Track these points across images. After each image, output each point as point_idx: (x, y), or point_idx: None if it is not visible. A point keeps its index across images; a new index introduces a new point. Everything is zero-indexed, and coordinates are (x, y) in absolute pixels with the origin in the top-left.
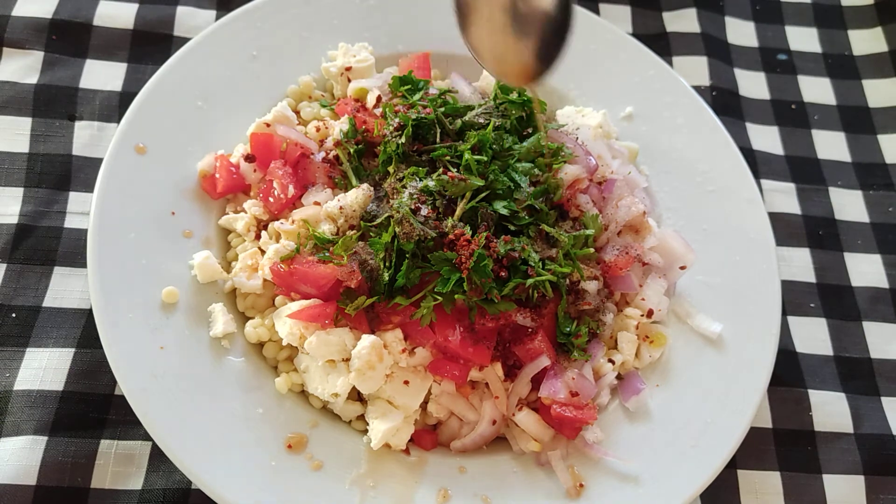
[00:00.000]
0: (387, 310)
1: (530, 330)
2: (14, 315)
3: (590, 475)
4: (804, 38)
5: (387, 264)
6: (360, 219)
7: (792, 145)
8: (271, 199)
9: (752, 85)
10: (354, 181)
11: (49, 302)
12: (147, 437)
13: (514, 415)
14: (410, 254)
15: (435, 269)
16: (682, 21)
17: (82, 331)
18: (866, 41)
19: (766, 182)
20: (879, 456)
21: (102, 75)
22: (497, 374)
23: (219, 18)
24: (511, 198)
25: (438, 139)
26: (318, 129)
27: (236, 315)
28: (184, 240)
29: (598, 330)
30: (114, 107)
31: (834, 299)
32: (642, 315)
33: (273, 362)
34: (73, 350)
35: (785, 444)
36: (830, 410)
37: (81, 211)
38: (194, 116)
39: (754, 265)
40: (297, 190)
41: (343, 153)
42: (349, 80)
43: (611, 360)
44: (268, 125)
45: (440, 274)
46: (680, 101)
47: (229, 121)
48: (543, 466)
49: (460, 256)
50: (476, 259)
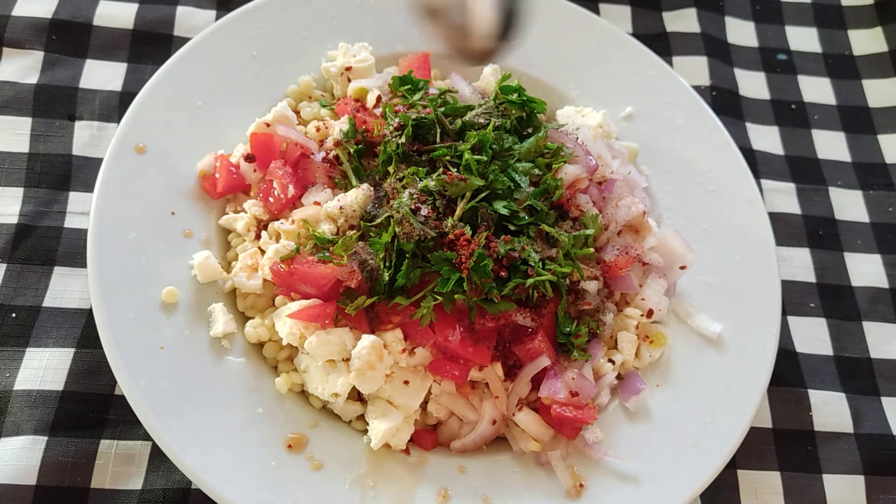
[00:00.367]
0: (387, 310)
1: (530, 330)
2: (14, 315)
3: (590, 475)
4: (804, 38)
5: (387, 264)
6: (360, 219)
7: (792, 145)
8: (271, 199)
9: (752, 85)
10: (354, 181)
11: (49, 302)
12: (147, 437)
13: (514, 415)
14: (410, 254)
15: (435, 269)
16: (682, 21)
17: (82, 331)
18: (866, 41)
19: (766, 182)
20: (879, 456)
21: (102, 75)
22: (497, 374)
23: (219, 18)
24: (511, 198)
25: (438, 139)
26: (318, 129)
27: (236, 315)
28: (184, 240)
29: (598, 330)
30: (114, 107)
31: (834, 299)
32: (642, 315)
33: (273, 362)
34: (73, 350)
35: (785, 444)
36: (830, 410)
37: (81, 211)
38: (194, 116)
39: (754, 265)
40: (297, 190)
41: (343, 153)
42: (349, 80)
43: (611, 360)
44: (268, 125)
45: (440, 274)
46: (680, 101)
47: (229, 121)
48: (543, 466)
49: (460, 256)
50: (476, 259)
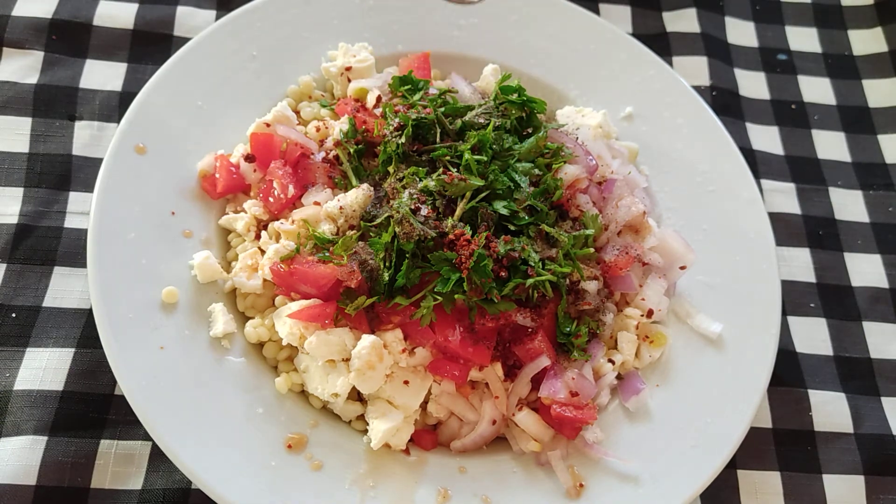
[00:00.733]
0: (387, 310)
1: (530, 330)
2: (14, 315)
3: (590, 475)
4: (804, 38)
5: (387, 264)
6: (360, 219)
7: (792, 145)
8: (271, 199)
9: (752, 85)
10: (354, 181)
11: (49, 302)
12: (147, 437)
13: (514, 415)
14: (410, 254)
15: (435, 269)
16: (682, 21)
17: (82, 331)
18: (866, 41)
19: (766, 182)
20: (879, 456)
21: (102, 75)
22: (497, 374)
23: (219, 18)
24: (511, 198)
25: (438, 139)
26: (318, 129)
27: (236, 315)
28: (184, 240)
29: (598, 330)
30: (114, 107)
31: (834, 299)
32: (642, 315)
33: (273, 362)
34: (73, 350)
35: (785, 444)
36: (830, 410)
37: (81, 211)
38: (194, 116)
39: (754, 265)
40: (297, 190)
41: (343, 153)
42: (349, 80)
43: (611, 360)
44: (268, 125)
45: (440, 274)
46: (680, 101)
47: (229, 121)
48: (543, 466)
49: (460, 256)
50: (476, 259)
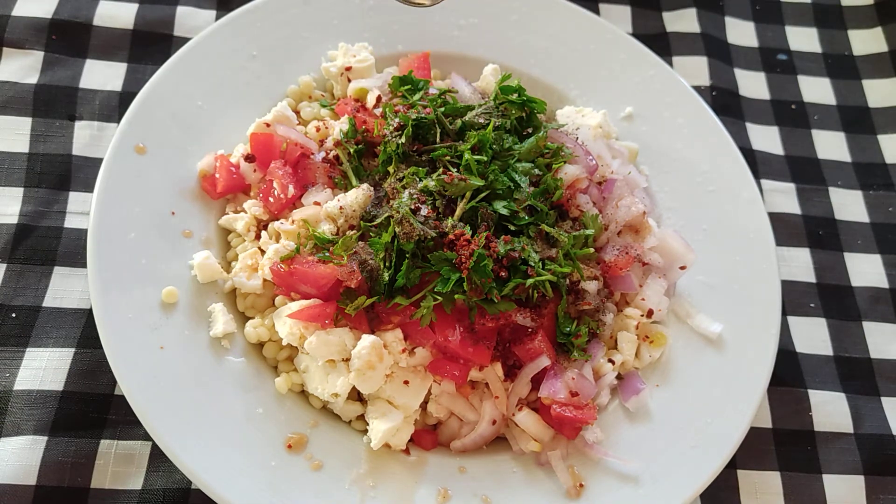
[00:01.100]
0: (387, 310)
1: (530, 330)
2: (14, 315)
3: (590, 475)
4: (804, 38)
5: (387, 264)
6: (360, 219)
7: (792, 145)
8: (271, 199)
9: (752, 85)
10: (354, 181)
11: (49, 302)
12: (147, 437)
13: (514, 415)
14: (410, 254)
15: (435, 269)
16: (682, 21)
17: (82, 331)
18: (866, 41)
19: (766, 182)
20: (879, 456)
21: (102, 75)
22: (497, 374)
23: (219, 18)
24: (511, 198)
25: (438, 139)
26: (318, 129)
27: (236, 315)
28: (184, 240)
29: (598, 330)
30: (114, 107)
31: (834, 299)
32: (642, 315)
33: (273, 362)
34: (73, 350)
35: (785, 444)
36: (830, 410)
37: (81, 211)
38: (194, 116)
39: (754, 265)
40: (297, 190)
41: (343, 153)
42: (349, 80)
43: (611, 360)
44: (268, 125)
45: (440, 274)
46: (680, 101)
47: (229, 121)
48: (543, 466)
49: (460, 256)
50: (476, 259)
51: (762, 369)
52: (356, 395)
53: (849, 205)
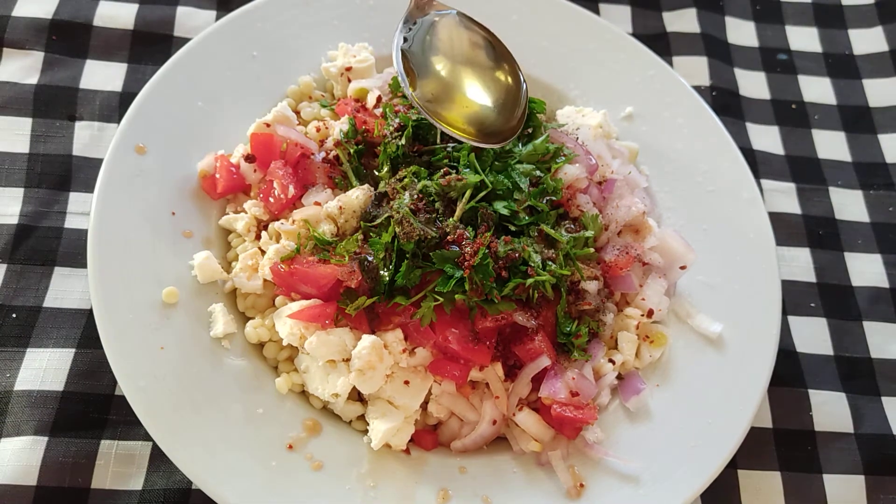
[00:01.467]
0: (387, 310)
1: (530, 330)
2: (14, 315)
3: (590, 475)
4: (804, 37)
5: (387, 264)
6: (360, 219)
7: (792, 145)
8: (271, 200)
9: (752, 85)
10: (354, 181)
11: (49, 302)
12: (147, 437)
13: (515, 415)
14: (410, 254)
15: (436, 268)
16: (682, 21)
17: (82, 331)
18: (866, 41)
19: (766, 182)
20: (879, 456)
21: (102, 75)
22: (497, 374)
23: (219, 18)
24: (511, 198)
25: (439, 140)
26: (318, 130)
27: (236, 315)
28: (184, 240)
29: (599, 330)
30: (114, 107)
31: (834, 299)
32: (642, 315)
33: (273, 362)
34: (74, 350)
35: (785, 444)
36: (830, 410)
37: (81, 211)
38: (194, 116)
39: (754, 265)
40: (298, 190)
41: (343, 153)
42: (349, 80)
43: (611, 360)
44: (268, 125)
45: (441, 272)
46: (680, 101)
47: (229, 121)
48: (543, 466)
49: (464, 254)
50: (481, 257)
51: (762, 369)
52: (356, 396)
53: (849, 204)
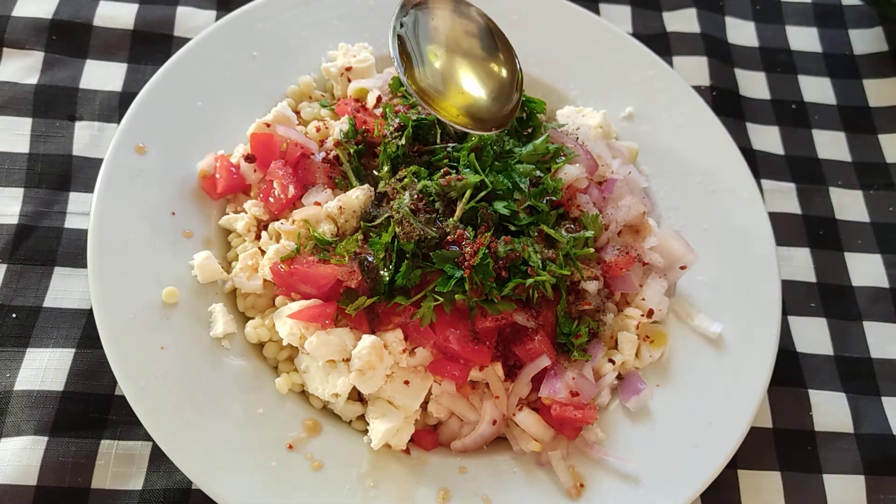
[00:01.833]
0: (387, 310)
1: (530, 330)
2: (14, 315)
3: (590, 475)
4: (804, 37)
5: (387, 264)
6: (359, 219)
7: (792, 145)
8: (271, 200)
9: (752, 85)
10: (354, 181)
11: (49, 302)
12: (147, 437)
13: (515, 415)
14: (410, 254)
15: (437, 268)
16: (682, 21)
17: (82, 331)
18: (867, 41)
19: (766, 182)
20: (879, 456)
21: (102, 75)
22: (497, 374)
23: (219, 18)
24: (511, 198)
25: (439, 140)
26: (318, 130)
27: (236, 315)
28: (184, 240)
29: (599, 330)
30: (114, 107)
31: (834, 299)
32: (642, 315)
33: (273, 362)
34: (74, 350)
35: (785, 444)
36: (830, 410)
37: (81, 211)
38: (194, 116)
39: (754, 265)
40: (298, 190)
41: (343, 153)
42: (349, 80)
43: (611, 360)
44: (268, 125)
45: (441, 272)
46: (680, 101)
47: (229, 121)
48: (544, 466)
49: (464, 254)
50: (481, 257)
51: (762, 369)
52: (356, 396)
53: (849, 205)
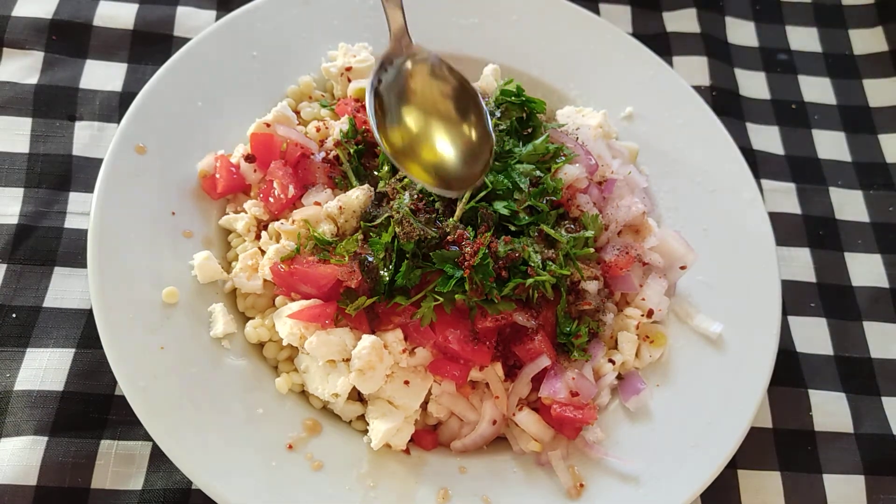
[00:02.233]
0: (387, 310)
1: (530, 330)
2: (14, 315)
3: (590, 475)
4: (804, 37)
5: (387, 264)
6: (359, 219)
7: (792, 145)
8: (271, 200)
9: (752, 85)
10: (354, 181)
11: (49, 302)
12: (147, 437)
13: (515, 415)
14: (410, 254)
15: (437, 268)
16: (682, 21)
17: (82, 331)
18: (866, 41)
19: (766, 182)
20: (879, 456)
21: (102, 75)
22: (497, 374)
23: (219, 18)
24: (511, 198)
25: None
26: (318, 130)
27: (236, 315)
28: (184, 240)
29: (599, 330)
30: (114, 107)
31: (834, 299)
32: (642, 315)
33: (273, 362)
34: (74, 350)
35: (785, 444)
36: (830, 410)
37: (81, 211)
38: (194, 116)
39: (754, 265)
40: (298, 190)
41: (343, 153)
42: (349, 80)
43: (611, 360)
44: (268, 125)
45: (441, 272)
46: (680, 101)
47: (229, 121)
48: (543, 466)
49: (464, 254)
50: (481, 257)
51: (762, 369)
52: (356, 396)
53: (849, 204)
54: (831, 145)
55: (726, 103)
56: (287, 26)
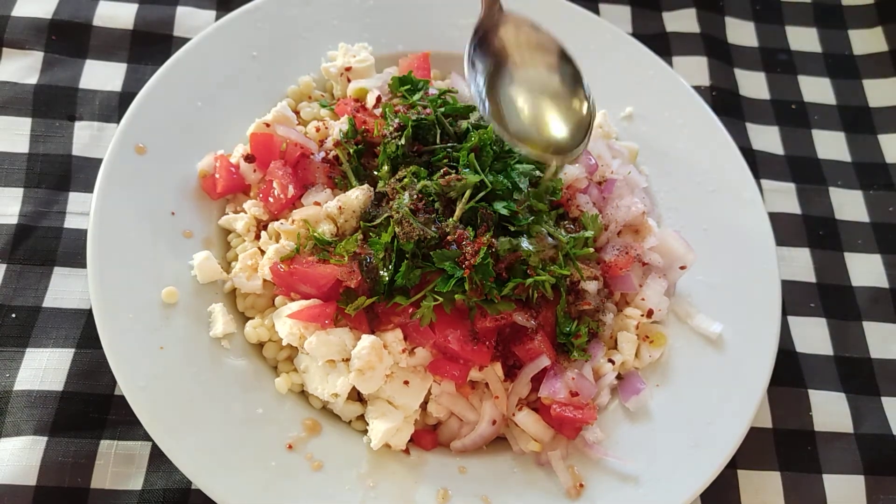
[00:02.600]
0: (387, 310)
1: (530, 330)
2: (14, 315)
3: (590, 475)
4: (804, 38)
5: (387, 264)
6: (359, 219)
7: (792, 145)
8: (271, 200)
9: (752, 85)
10: (354, 181)
11: (49, 302)
12: (147, 437)
13: (514, 415)
14: (410, 254)
15: (437, 268)
16: (682, 21)
17: (82, 331)
18: (866, 41)
19: (766, 182)
20: (879, 456)
21: (102, 75)
22: (497, 374)
23: (219, 18)
24: (511, 198)
25: (438, 140)
26: (318, 130)
27: (236, 315)
28: (184, 240)
29: (598, 330)
30: (114, 107)
31: (834, 299)
32: (642, 315)
33: (273, 362)
34: (73, 350)
35: (785, 444)
36: (830, 410)
37: (81, 211)
38: (194, 116)
39: (754, 265)
40: (297, 190)
41: (343, 153)
42: (349, 80)
43: (611, 360)
44: (268, 125)
45: (441, 272)
46: (680, 101)
47: (229, 121)
48: (543, 466)
49: (464, 254)
50: (482, 257)
51: (762, 369)
52: (356, 396)
53: (849, 205)
54: (831, 145)
55: (726, 103)
56: (287, 26)
